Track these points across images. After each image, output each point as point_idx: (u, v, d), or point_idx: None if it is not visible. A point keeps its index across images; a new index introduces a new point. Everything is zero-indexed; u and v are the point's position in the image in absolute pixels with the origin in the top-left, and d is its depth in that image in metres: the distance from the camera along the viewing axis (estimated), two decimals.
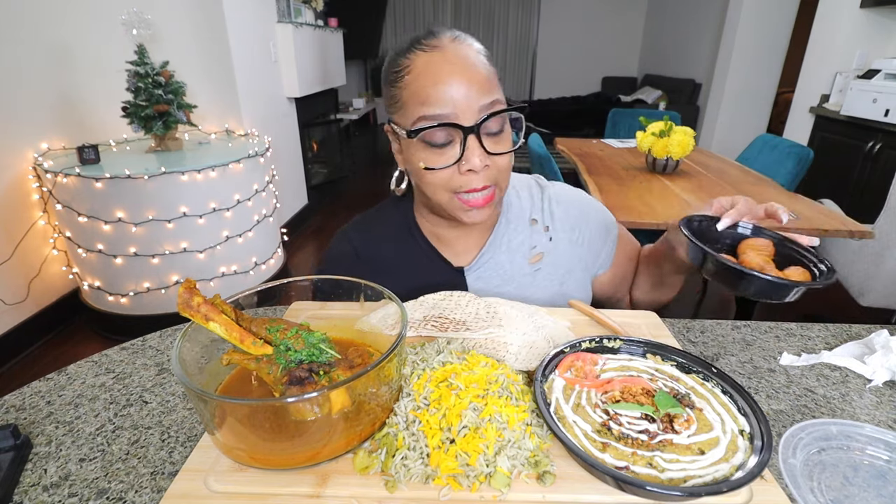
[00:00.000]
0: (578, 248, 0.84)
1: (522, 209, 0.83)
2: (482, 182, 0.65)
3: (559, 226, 0.83)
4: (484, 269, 0.80)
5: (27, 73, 2.14)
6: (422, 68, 0.63)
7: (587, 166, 2.30)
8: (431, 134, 0.64)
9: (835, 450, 0.52)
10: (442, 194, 0.68)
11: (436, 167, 0.65)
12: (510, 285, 0.81)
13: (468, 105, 0.62)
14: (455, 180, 0.66)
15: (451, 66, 0.62)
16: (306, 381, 0.45)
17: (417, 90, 0.63)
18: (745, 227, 0.72)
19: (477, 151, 0.63)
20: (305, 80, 3.45)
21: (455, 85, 0.62)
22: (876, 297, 1.88)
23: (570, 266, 0.83)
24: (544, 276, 0.82)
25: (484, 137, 0.64)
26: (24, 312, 2.17)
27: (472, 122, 0.63)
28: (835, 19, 3.25)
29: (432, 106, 0.62)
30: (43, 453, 0.55)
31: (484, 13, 7.71)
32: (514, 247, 0.81)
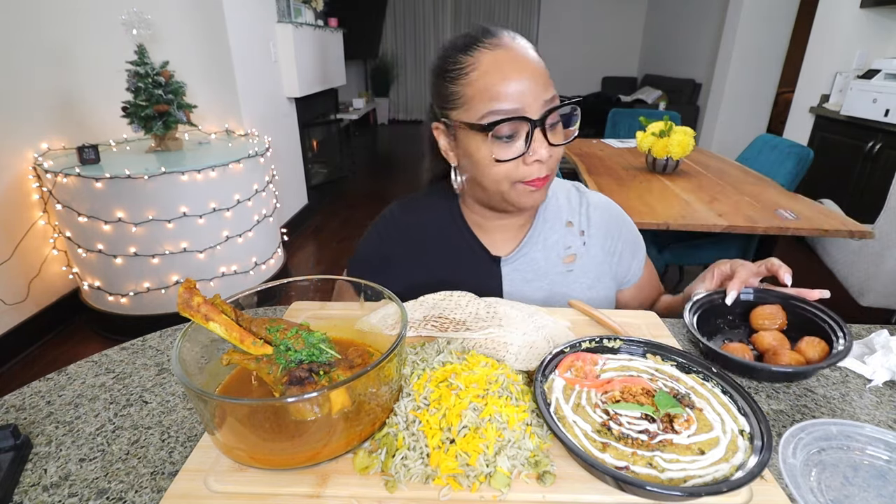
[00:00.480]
0: (610, 258, 0.87)
1: (559, 209, 0.86)
2: (543, 172, 0.69)
3: (594, 232, 0.86)
4: (520, 263, 0.83)
5: (27, 73, 2.14)
6: (489, 65, 0.66)
7: (587, 166, 2.30)
8: (501, 127, 0.67)
9: (835, 450, 0.52)
10: (504, 184, 0.71)
11: (505, 159, 0.68)
12: (543, 281, 0.83)
13: (534, 99, 0.66)
14: (519, 171, 0.69)
15: (517, 63, 0.66)
16: (306, 381, 0.45)
17: (486, 86, 0.66)
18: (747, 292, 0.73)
19: (543, 143, 0.67)
20: (305, 80, 3.45)
21: (523, 81, 0.66)
22: (876, 297, 1.88)
23: (600, 273, 0.85)
24: (575, 277, 0.84)
25: (549, 131, 0.68)
26: (24, 312, 2.17)
27: (538, 115, 0.66)
28: (835, 19, 3.25)
29: (502, 101, 0.65)
30: (43, 453, 0.55)
31: (484, 13, 7.71)
32: (549, 244, 0.83)
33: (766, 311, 0.70)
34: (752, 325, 0.71)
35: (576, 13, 7.57)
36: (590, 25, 7.61)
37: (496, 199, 0.74)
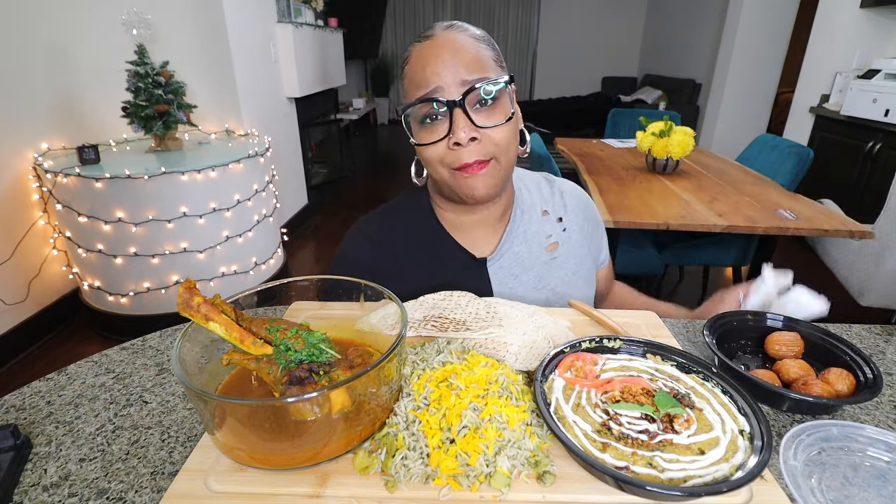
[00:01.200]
0: (588, 240, 0.89)
1: (533, 201, 0.86)
2: (473, 156, 0.67)
3: (572, 218, 0.87)
4: (504, 260, 0.82)
5: (27, 74, 2.14)
6: (416, 56, 0.68)
7: (587, 166, 2.30)
8: (420, 111, 0.67)
9: (835, 451, 0.52)
10: (441, 170, 0.70)
11: (424, 142, 0.68)
12: (529, 273, 0.82)
13: (453, 80, 0.65)
14: (448, 156, 0.68)
15: (437, 48, 0.66)
16: (306, 381, 0.45)
17: (412, 76, 0.68)
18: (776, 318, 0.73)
19: (462, 124, 0.65)
20: (305, 80, 3.45)
21: (440, 63, 0.65)
22: (876, 297, 1.88)
23: (581, 255, 0.87)
24: (560, 264, 0.84)
25: (472, 111, 0.66)
26: (24, 312, 2.17)
27: (456, 96, 0.65)
28: (835, 19, 3.25)
29: (422, 87, 0.66)
30: (43, 453, 0.55)
31: (484, 13, 7.72)
32: (530, 236, 0.83)
33: (783, 338, 0.69)
34: (768, 351, 0.70)
35: (576, 13, 7.57)
36: (590, 25, 7.61)
37: (446, 189, 0.74)
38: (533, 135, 2.39)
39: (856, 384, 0.62)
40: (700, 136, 4.98)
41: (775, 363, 0.67)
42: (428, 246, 0.82)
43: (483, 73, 0.66)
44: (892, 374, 0.70)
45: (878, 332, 0.81)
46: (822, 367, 0.66)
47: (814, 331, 0.70)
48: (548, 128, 6.41)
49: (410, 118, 0.70)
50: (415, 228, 0.83)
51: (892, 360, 0.74)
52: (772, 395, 0.60)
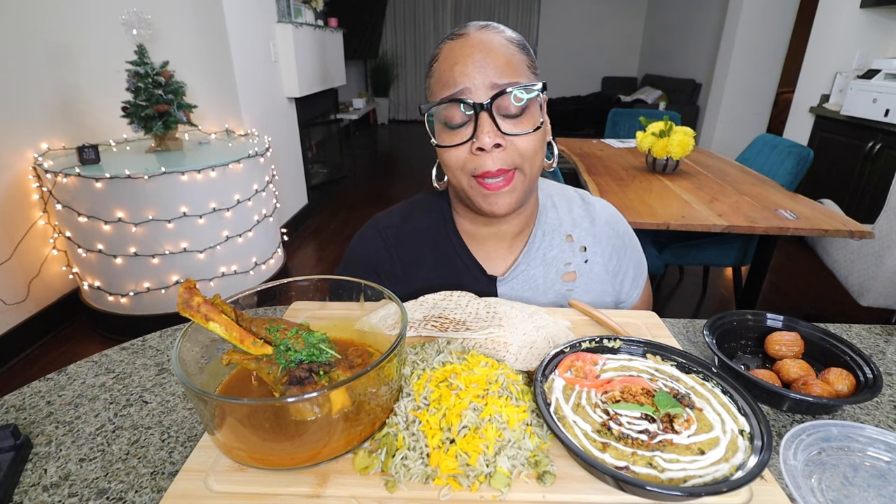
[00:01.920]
0: (612, 278, 0.81)
1: (560, 222, 0.80)
2: (497, 164, 0.63)
3: (598, 250, 0.80)
4: (517, 281, 0.78)
5: (27, 74, 2.14)
6: (446, 54, 0.65)
7: (587, 166, 2.30)
8: (445, 111, 0.63)
9: (835, 451, 0.52)
10: (460, 177, 0.66)
11: (446, 144, 0.64)
12: (542, 300, 0.78)
13: (482, 82, 0.61)
14: (470, 162, 0.64)
15: (468, 48, 0.63)
16: (306, 381, 0.45)
17: (440, 75, 0.65)
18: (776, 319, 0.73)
19: (487, 128, 0.61)
20: (305, 80, 3.45)
21: (470, 64, 0.61)
22: (876, 297, 1.88)
23: (602, 292, 0.80)
24: (575, 296, 0.79)
25: (500, 117, 0.62)
26: (24, 312, 2.17)
27: (484, 99, 0.61)
28: (835, 19, 3.25)
29: (449, 86, 0.62)
30: (43, 453, 0.55)
31: (484, 13, 7.72)
32: (548, 260, 0.78)
33: (783, 338, 0.69)
34: (768, 351, 0.70)
35: (576, 13, 7.58)
36: (590, 25, 7.61)
37: (464, 197, 0.70)
38: None
39: (856, 384, 0.62)
40: (700, 136, 4.98)
41: (775, 363, 0.67)
42: (441, 253, 0.78)
43: (515, 77, 0.62)
44: (892, 374, 0.70)
45: (878, 332, 0.81)
46: (822, 367, 0.66)
47: (814, 331, 0.70)
48: None
49: (434, 118, 0.66)
50: (430, 233, 0.79)
51: (892, 360, 0.74)
52: (772, 395, 0.60)
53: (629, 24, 7.54)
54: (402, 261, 0.79)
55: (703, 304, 2.67)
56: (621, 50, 7.68)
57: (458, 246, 0.78)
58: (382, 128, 8.00)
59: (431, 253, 0.78)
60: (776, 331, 0.71)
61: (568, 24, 7.65)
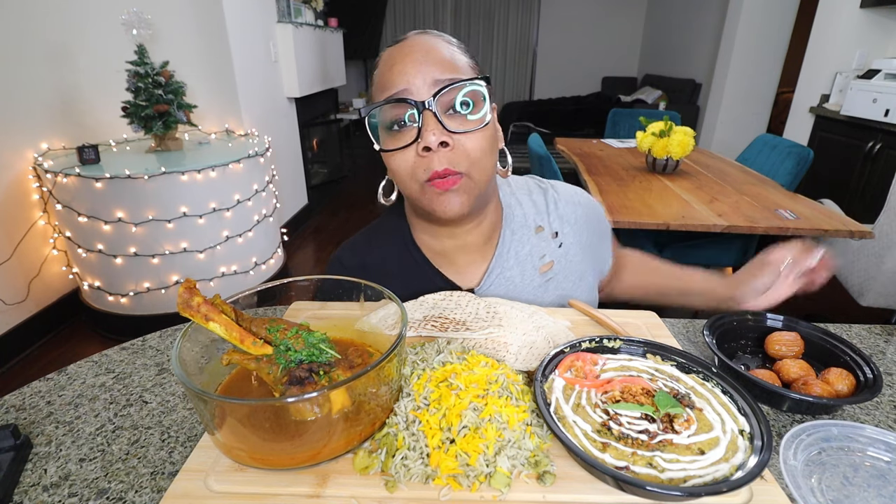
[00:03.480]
0: (588, 252, 0.81)
1: (526, 216, 0.78)
2: (443, 164, 0.60)
3: (568, 230, 0.79)
4: (495, 287, 0.76)
5: (27, 74, 2.14)
6: (384, 59, 0.64)
7: (587, 166, 2.30)
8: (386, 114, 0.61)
9: (835, 450, 0.52)
10: (411, 185, 0.63)
11: (389, 148, 0.62)
12: (523, 296, 0.77)
13: (423, 81, 0.59)
14: (417, 165, 0.61)
15: (406, 49, 0.62)
16: (306, 381, 0.45)
17: (379, 80, 0.63)
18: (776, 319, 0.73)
19: (432, 126, 0.58)
20: (305, 80, 3.45)
21: (409, 63, 0.60)
22: (876, 297, 1.88)
23: (581, 271, 0.80)
24: (556, 284, 0.78)
25: (444, 116, 0.60)
26: (24, 312, 2.17)
27: (425, 96, 0.59)
28: (835, 19, 3.25)
29: (388, 88, 0.61)
30: (43, 453, 0.55)
31: (484, 13, 7.71)
32: (522, 258, 0.77)
33: (783, 338, 0.69)
34: (768, 351, 0.70)
35: (576, 13, 7.57)
36: (590, 25, 7.60)
37: (416, 206, 0.67)
38: (533, 135, 2.39)
39: (856, 384, 0.62)
40: (700, 136, 4.98)
41: (775, 363, 0.67)
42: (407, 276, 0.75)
43: (457, 74, 0.61)
44: (892, 374, 0.70)
45: (878, 332, 0.81)
46: (822, 367, 0.66)
47: (814, 331, 0.70)
48: (548, 128, 6.41)
49: (378, 124, 0.63)
50: (394, 257, 0.77)
51: (892, 360, 0.74)
52: (772, 395, 0.60)
53: (629, 24, 7.54)
54: None
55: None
56: (621, 50, 7.68)
57: (423, 265, 0.76)
58: None
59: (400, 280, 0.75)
60: (776, 331, 0.71)
61: (568, 24, 7.64)
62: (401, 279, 0.76)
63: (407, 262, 0.76)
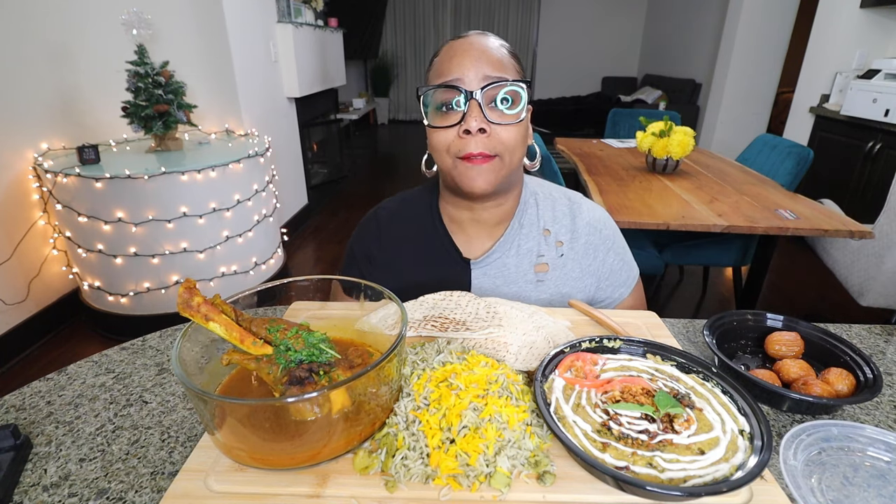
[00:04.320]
0: (587, 277, 0.83)
1: (539, 217, 0.84)
2: (479, 148, 0.69)
3: (575, 247, 0.83)
4: (490, 267, 0.82)
5: (27, 73, 2.14)
6: (445, 50, 0.73)
7: (587, 166, 2.30)
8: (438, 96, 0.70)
9: (835, 450, 0.52)
10: (445, 158, 0.73)
11: (437, 125, 0.71)
12: (512, 287, 0.82)
13: (476, 74, 0.68)
14: (456, 143, 0.70)
15: (465, 45, 0.71)
16: (306, 381, 0.45)
17: (438, 67, 0.72)
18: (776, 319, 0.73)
19: (475, 114, 0.68)
20: (305, 80, 3.45)
21: (467, 57, 0.69)
22: (876, 297, 1.88)
23: (573, 288, 0.83)
24: (546, 289, 0.82)
25: (487, 107, 0.69)
26: (24, 312, 2.17)
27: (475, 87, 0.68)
28: (835, 19, 3.25)
29: (444, 75, 0.70)
30: (43, 453, 0.55)
31: (484, 13, 7.71)
32: (522, 251, 0.82)
33: (783, 338, 0.69)
34: (768, 351, 0.70)
35: (576, 13, 7.57)
36: (590, 25, 7.61)
37: (448, 178, 0.76)
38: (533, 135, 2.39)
39: (856, 384, 0.61)
40: (700, 136, 4.98)
41: (775, 363, 0.67)
42: (424, 235, 0.85)
43: (503, 72, 0.69)
44: (892, 374, 0.70)
45: (878, 332, 0.81)
46: (822, 367, 0.66)
47: (814, 331, 0.70)
48: (548, 128, 6.41)
49: (429, 102, 0.72)
50: (418, 218, 0.86)
51: (892, 360, 0.74)
52: (772, 395, 0.60)
53: (629, 24, 7.54)
54: (390, 241, 0.87)
55: (703, 304, 2.67)
56: (621, 50, 7.68)
57: (440, 230, 0.84)
58: (382, 128, 8.00)
59: (416, 234, 0.86)
60: (776, 331, 0.71)
61: (568, 24, 7.65)
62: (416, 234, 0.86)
63: (427, 223, 0.86)
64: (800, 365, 0.65)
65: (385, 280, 0.78)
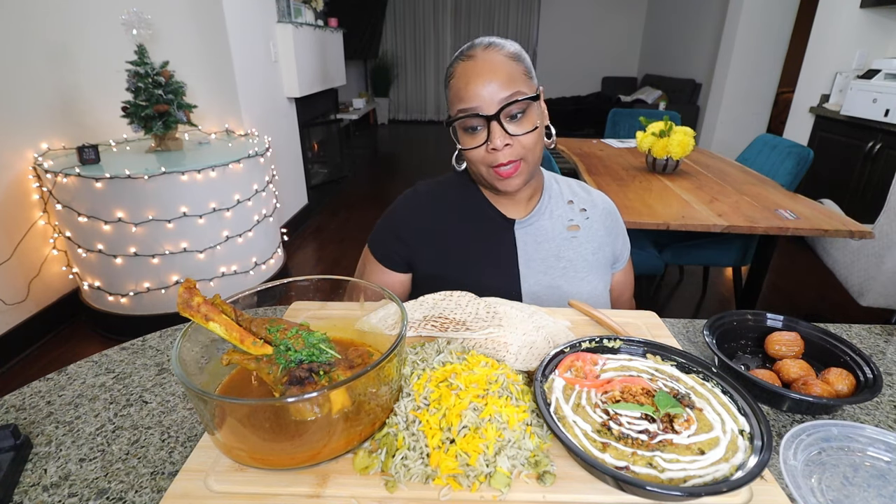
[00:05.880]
0: (609, 237, 0.98)
1: (561, 192, 0.98)
2: (507, 158, 0.80)
3: (596, 213, 0.98)
4: (531, 228, 0.93)
5: (27, 73, 2.14)
6: (459, 74, 0.81)
7: (587, 166, 2.30)
8: (464, 122, 0.81)
9: (835, 450, 0.52)
10: (480, 168, 0.84)
11: (468, 147, 0.82)
12: (551, 244, 0.93)
13: (490, 99, 0.78)
14: (487, 157, 0.81)
15: (477, 69, 0.79)
16: (306, 381, 0.45)
17: (456, 91, 0.81)
18: (776, 319, 0.73)
19: (498, 133, 0.78)
20: (305, 80, 3.45)
21: (480, 85, 0.78)
22: (876, 297, 1.88)
23: (601, 242, 0.96)
24: (580, 243, 0.95)
25: (506, 122, 0.79)
26: (24, 312, 2.16)
27: (493, 111, 0.78)
28: (835, 19, 3.25)
29: (463, 102, 0.80)
30: (43, 453, 0.55)
31: (484, 13, 7.71)
32: (555, 216, 0.95)
33: (783, 338, 0.69)
34: (768, 351, 0.70)
35: (576, 13, 7.57)
36: (590, 25, 7.60)
37: (486, 182, 0.87)
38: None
39: (856, 384, 0.61)
40: (700, 136, 4.98)
41: (775, 363, 0.67)
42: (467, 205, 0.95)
43: (512, 88, 0.78)
44: (892, 374, 0.70)
45: (878, 332, 0.81)
46: (822, 367, 0.66)
47: (814, 331, 0.70)
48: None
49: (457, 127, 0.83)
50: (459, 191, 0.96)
51: (892, 360, 0.74)
52: (772, 395, 0.60)
53: (629, 24, 7.54)
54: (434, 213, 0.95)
55: (703, 304, 2.67)
56: (621, 50, 7.68)
57: (480, 199, 0.95)
58: (382, 128, 7.99)
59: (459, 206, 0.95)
60: (776, 331, 0.71)
61: (568, 24, 7.64)
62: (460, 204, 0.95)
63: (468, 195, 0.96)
64: (800, 365, 0.65)
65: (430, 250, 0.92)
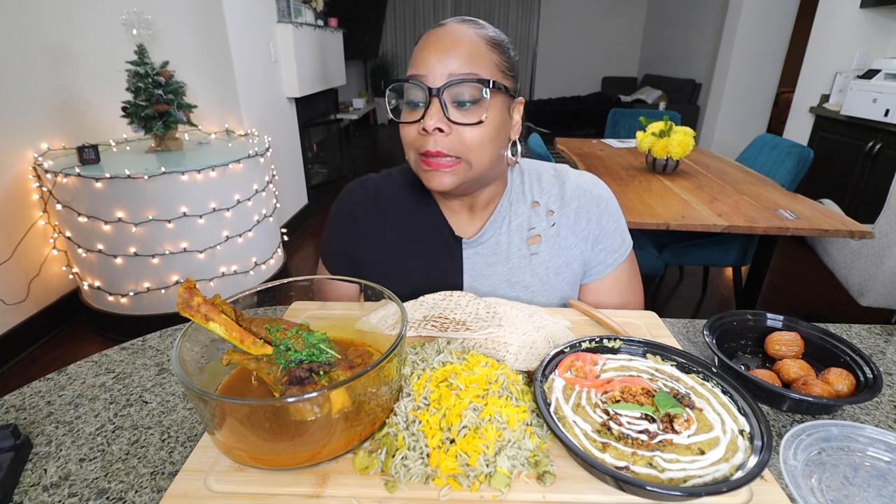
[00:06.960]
0: (581, 241, 0.81)
1: (525, 191, 0.82)
2: (437, 147, 0.66)
3: (566, 212, 0.80)
4: (483, 247, 0.80)
5: (27, 73, 2.14)
6: (422, 39, 0.69)
7: (587, 166, 2.30)
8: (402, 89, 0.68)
9: (835, 450, 0.52)
10: (409, 152, 0.71)
11: (399, 120, 0.69)
12: (505, 265, 0.80)
13: (441, 70, 0.64)
14: (417, 140, 0.68)
15: (437, 36, 0.67)
16: (306, 381, 0.45)
17: (413, 57, 0.68)
18: (776, 319, 0.73)
19: (434, 112, 0.64)
20: (305, 80, 3.45)
21: (435, 51, 0.65)
22: (876, 297, 1.88)
23: (568, 257, 0.81)
24: (539, 261, 0.80)
25: (449, 104, 0.65)
26: (24, 312, 2.17)
27: (438, 84, 0.64)
28: (835, 19, 3.25)
29: (414, 67, 0.67)
30: (43, 453, 0.55)
31: (484, 13, 7.71)
32: (513, 227, 0.81)
33: (783, 338, 0.69)
34: (768, 351, 0.70)
35: (576, 13, 7.57)
36: (590, 25, 7.60)
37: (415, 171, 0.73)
38: (533, 135, 2.39)
39: (856, 384, 0.61)
40: (700, 136, 4.98)
41: (775, 363, 0.67)
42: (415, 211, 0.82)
43: (474, 71, 0.64)
44: (892, 374, 0.70)
45: (878, 332, 0.81)
46: (822, 367, 0.66)
47: (814, 331, 0.70)
48: (548, 128, 6.41)
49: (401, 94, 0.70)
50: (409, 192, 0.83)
51: (892, 360, 0.74)
52: (772, 395, 0.60)
53: (629, 24, 7.54)
54: (378, 213, 0.83)
55: (703, 304, 2.67)
56: (621, 50, 7.68)
57: (431, 207, 0.81)
58: (382, 128, 8.00)
59: (407, 210, 0.82)
60: (776, 331, 0.71)
61: (568, 24, 7.65)
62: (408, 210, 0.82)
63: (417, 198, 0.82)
64: (800, 365, 0.65)
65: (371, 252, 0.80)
